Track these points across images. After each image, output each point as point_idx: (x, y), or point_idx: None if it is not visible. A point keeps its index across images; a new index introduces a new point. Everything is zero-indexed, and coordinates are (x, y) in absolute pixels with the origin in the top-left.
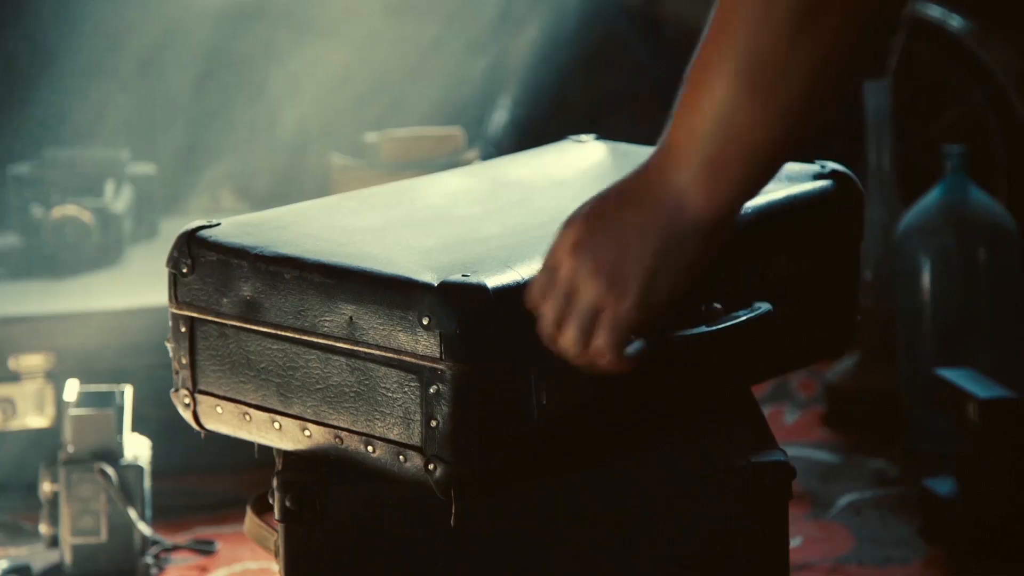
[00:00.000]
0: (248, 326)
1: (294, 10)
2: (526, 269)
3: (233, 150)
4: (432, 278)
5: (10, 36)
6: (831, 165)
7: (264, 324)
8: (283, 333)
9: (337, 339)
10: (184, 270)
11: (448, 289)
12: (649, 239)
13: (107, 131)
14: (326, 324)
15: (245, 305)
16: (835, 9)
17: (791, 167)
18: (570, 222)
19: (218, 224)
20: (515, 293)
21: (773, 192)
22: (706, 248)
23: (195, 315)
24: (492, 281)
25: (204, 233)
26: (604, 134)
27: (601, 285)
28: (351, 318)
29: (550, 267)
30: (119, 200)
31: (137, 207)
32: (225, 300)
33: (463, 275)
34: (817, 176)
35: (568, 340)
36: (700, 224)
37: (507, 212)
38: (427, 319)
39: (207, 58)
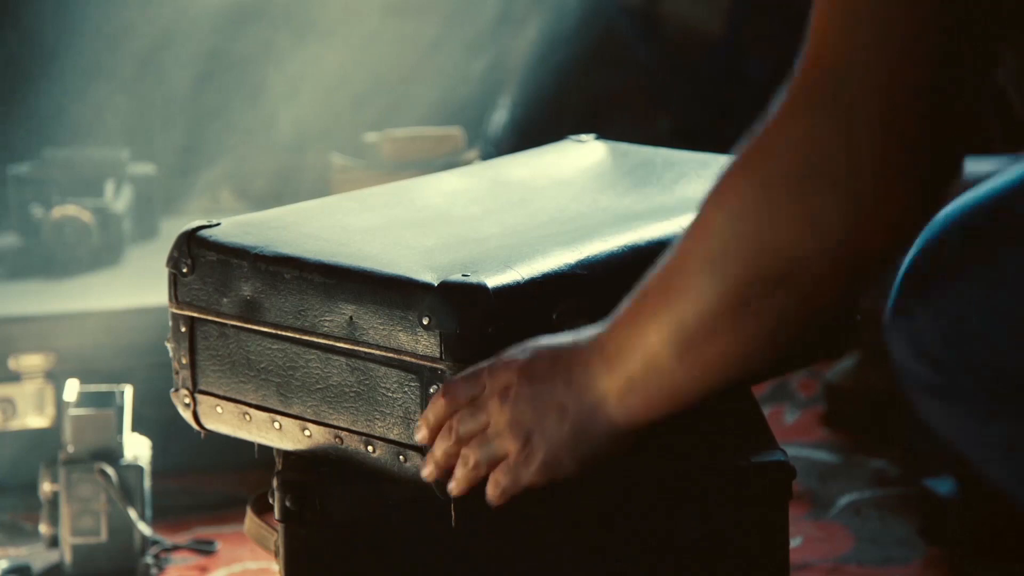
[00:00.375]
0: (248, 326)
1: (294, 10)
2: (526, 269)
3: (233, 150)
4: (432, 278)
5: (10, 36)
6: None
7: (264, 324)
8: (283, 333)
9: (337, 339)
10: (184, 270)
11: (448, 289)
12: (565, 422)
13: (107, 131)
14: (326, 324)
15: (245, 305)
16: (777, 298)
17: None
18: (508, 364)
19: (218, 224)
20: (515, 293)
21: None
22: (614, 448)
23: (195, 315)
24: (492, 281)
25: (204, 233)
26: (604, 134)
27: (514, 440)
28: (351, 318)
29: (475, 385)
30: (119, 200)
31: (137, 207)
32: (225, 300)
33: (463, 275)
34: None
35: (467, 461)
36: (610, 430)
37: (507, 212)
38: (427, 319)
39: (207, 58)
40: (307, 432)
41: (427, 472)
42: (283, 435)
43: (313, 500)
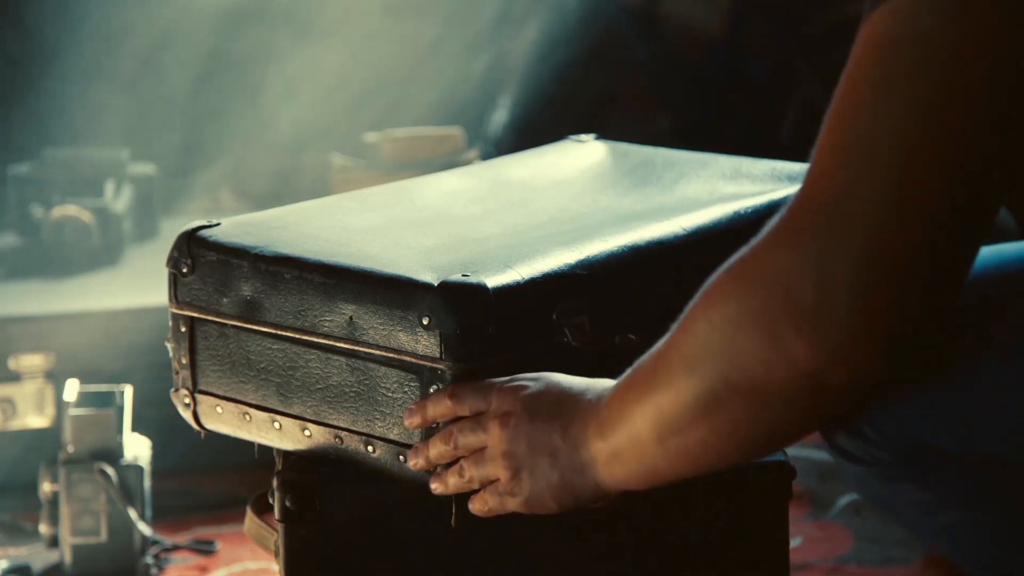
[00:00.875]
0: (248, 326)
1: (294, 11)
2: (526, 269)
3: (233, 150)
4: (432, 278)
5: (11, 36)
6: None
7: (264, 324)
8: (283, 333)
9: (337, 339)
10: (184, 270)
11: (448, 289)
12: (555, 469)
13: (107, 131)
14: (326, 324)
15: (245, 305)
16: (749, 408)
17: (786, 166)
18: (516, 390)
19: (218, 224)
20: (515, 293)
21: (771, 192)
22: (597, 503)
23: (195, 315)
24: (492, 281)
25: (204, 233)
26: (604, 134)
27: (506, 470)
28: (351, 318)
29: (482, 400)
30: (119, 200)
31: (137, 207)
32: (225, 300)
33: (463, 275)
34: None
35: (463, 473)
36: (595, 489)
37: (507, 212)
38: (427, 319)
39: (207, 58)
40: (307, 432)
41: (415, 463)
42: (283, 435)
43: (313, 500)
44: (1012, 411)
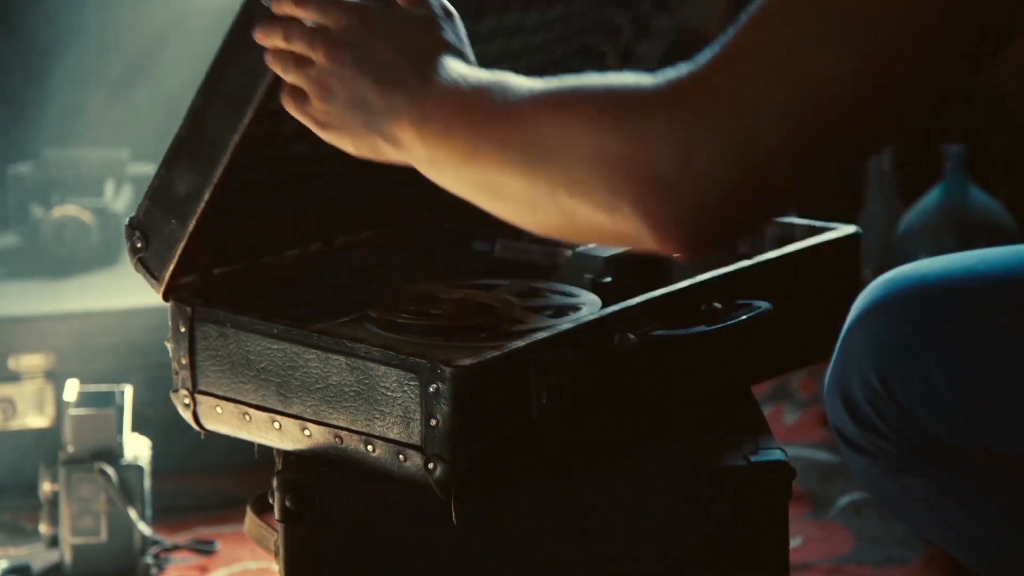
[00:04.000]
0: (248, 326)
1: None
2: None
3: None
4: None
5: (10, 36)
6: None
7: (264, 324)
8: (283, 333)
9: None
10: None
11: None
12: (365, 123)
13: (107, 131)
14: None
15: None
16: (552, 210)
17: None
18: (365, 19)
19: None
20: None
21: None
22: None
23: (195, 315)
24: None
25: None
26: None
27: (319, 97)
28: None
29: (322, 13)
30: (119, 200)
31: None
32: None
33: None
34: None
35: (283, 65)
36: (395, 156)
37: None
38: None
39: (207, 58)
40: (307, 432)
41: (259, 35)
42: (283, 435)
43: (313, 500)
44: (1015, 407)
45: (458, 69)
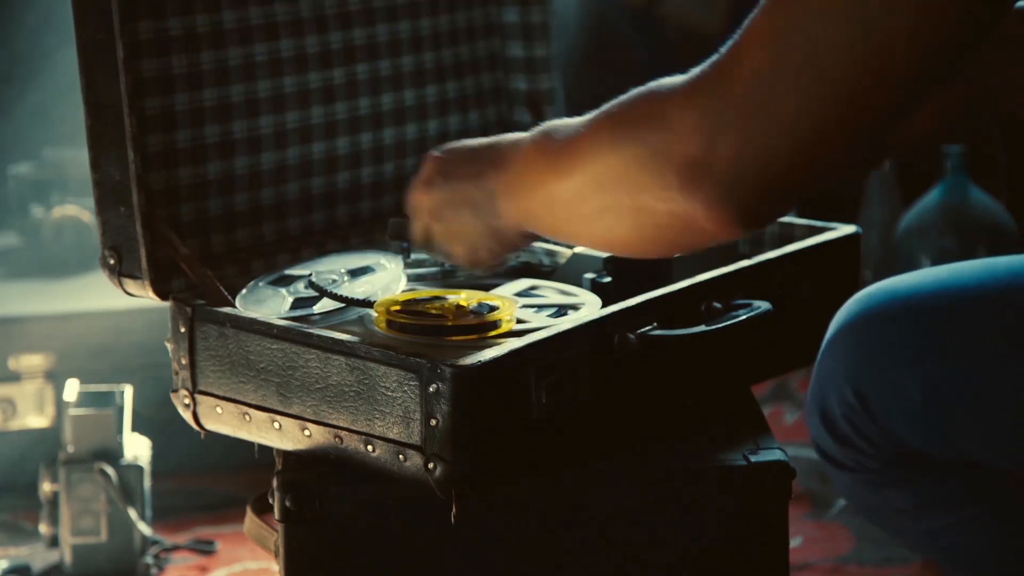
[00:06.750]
0: (248, 326)
1: None
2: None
3: None
4: None
5: (11, 36)
6: None
7: (264, 324)
8: (283, 333)
9: (337, 338)
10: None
11: None
12: (477, 217)
13: None
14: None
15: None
16: (627, 219)
17: None
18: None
19: None
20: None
21: None
22: (515, 241)
23: (195, 315)
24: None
25: None
26: None
27: (441, 234)
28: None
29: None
30: None
31: None
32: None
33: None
34: None
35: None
36: (513, 229)
37: None
38: None
39: None
40: (307, 432)
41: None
42: (283, 435)
43: (313, 500)
44: (989, 417)
45: (511, 136)
